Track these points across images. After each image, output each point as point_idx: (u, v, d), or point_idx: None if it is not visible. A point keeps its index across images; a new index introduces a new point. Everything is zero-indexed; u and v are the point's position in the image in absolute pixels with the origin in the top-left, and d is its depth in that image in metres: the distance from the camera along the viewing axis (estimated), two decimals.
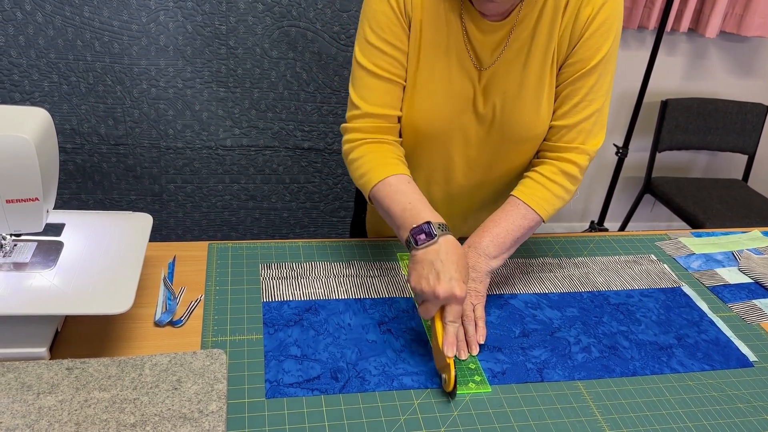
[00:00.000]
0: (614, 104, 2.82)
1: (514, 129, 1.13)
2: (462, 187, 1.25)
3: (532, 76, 1.09)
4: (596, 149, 1.12)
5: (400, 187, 1.04)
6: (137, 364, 0.86)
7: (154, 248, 1.15)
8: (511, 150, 1.18)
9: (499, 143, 1.16)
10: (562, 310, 1.12)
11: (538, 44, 1.07)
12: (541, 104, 1.11)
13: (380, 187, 1.05)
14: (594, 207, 3.11)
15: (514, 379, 0.96)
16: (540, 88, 1.10)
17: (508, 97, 1.11)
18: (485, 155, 1.19)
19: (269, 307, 1.05)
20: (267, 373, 0.92)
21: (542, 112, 1.12)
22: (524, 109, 1.11)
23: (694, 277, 1.26)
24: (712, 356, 1.05)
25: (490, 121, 1.14)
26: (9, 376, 0.82)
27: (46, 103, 2.02)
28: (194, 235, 2.37)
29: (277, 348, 0.97)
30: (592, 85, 1.08)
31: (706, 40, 2.73)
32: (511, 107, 1.11)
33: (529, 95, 1.10)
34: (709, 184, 2.78)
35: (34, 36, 1.92)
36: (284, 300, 1.07)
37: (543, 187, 1.11)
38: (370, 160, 1.08)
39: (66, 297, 0.88)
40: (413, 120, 1.13)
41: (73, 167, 2.15)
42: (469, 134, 1.16)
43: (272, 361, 0.94)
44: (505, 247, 1.07)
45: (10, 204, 0.88)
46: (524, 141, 1.15)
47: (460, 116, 1.13)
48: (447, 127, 1.14)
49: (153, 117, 2.10)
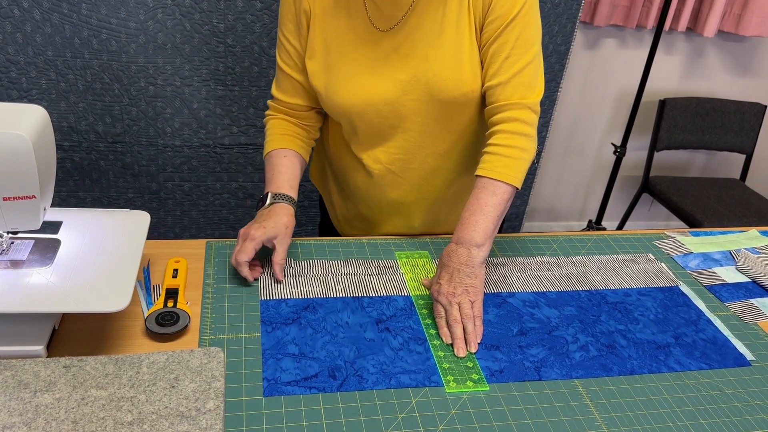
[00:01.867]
0: (612, 103, 2.82)
1: (439, 87, 1.12)
2: (421, 170, 1.24)
3: (448, 35, 1.11)
4: (537, 101, 1.13)
5: (273, 161, 1.22)
6: (134, 362, 0.86)
7: (151, 246, 1.15)
8: (448, 114, 1.17)
9: (431, 108, 1.15)
10: (560, 308, 1.12)
11: (450, 4, 1.10)
12: (463, 61, 1.11)
13: (266, 158, 1.24)
14: (592, 206, 3.11)
15: (512, 377, 0.96)
16: (459, 46, 1.11)
17: (429, 58, 1.12)
18: (425, 125, 1.18)
19: (267, 306, 1.05)
20: (265, 371, 0.92)
21: (465, 68, 1.12)
22: (445, 66, 1.12)
23: (691, 276, 1.26)
24: (710, 355, 1.05)
25: (414, 84, 1.13)
26: (6, 373, 0.82)
27: (44, 101, 2.02)
28: (192, 233, 2.37)
29: (274, 346, 0.97)
30: (517, 38, 1.09)
31: (704, 40, 2.74)
32: (431, 68, 1.12)
33: (449, 53, 1.11)
34: (707, 184, 2.79)
35: (31, 33, 1.92)
36: (282, 298, 1.07)
37: (502, 156, 1.11)
38: (271, 134, 1.26)
39: (63, 295, 0.88)
40: (341, 104, 1.16)
41: (70, 165, 2.14)
42: (398, 105, 1.15)
43: (270, 359, 0.94)
44: (488, 231, 1.08)
45: (7, 201, 0.88)
46: (454, 102, 1.14)
47: (382, 90, 1.14)
48: (375, 102, 1.15)
49: (151, 115, 2.10)
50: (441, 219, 1.34)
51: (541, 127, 2.48)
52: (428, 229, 1.34)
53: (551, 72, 2.36)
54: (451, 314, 1.02)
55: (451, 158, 1.24)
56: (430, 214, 1.32)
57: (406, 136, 1.20)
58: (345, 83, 1.15)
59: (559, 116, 2.76)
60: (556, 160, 2.92)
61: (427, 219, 1.32)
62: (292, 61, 1.20)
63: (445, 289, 1.04)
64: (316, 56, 1.17)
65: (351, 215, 1.39)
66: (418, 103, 1.15)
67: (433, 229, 1.35)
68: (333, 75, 1.15)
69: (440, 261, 1.09)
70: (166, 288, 1.04)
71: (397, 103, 1.15)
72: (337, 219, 1.44)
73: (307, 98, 1.24)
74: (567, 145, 2.89)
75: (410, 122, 1.18)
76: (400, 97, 1.15)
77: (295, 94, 1.23)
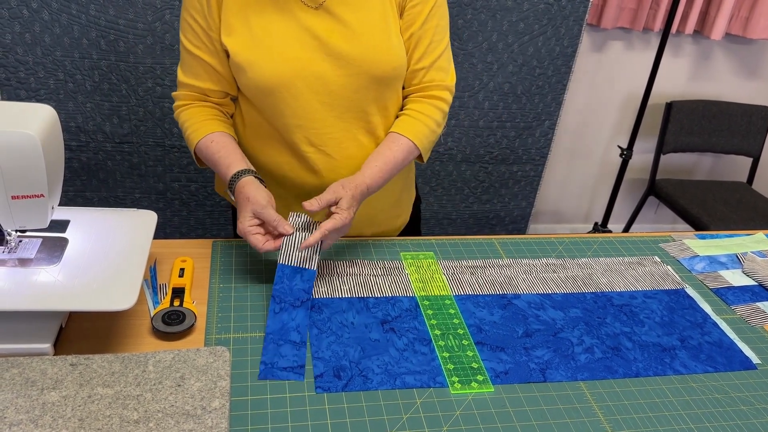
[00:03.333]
0: (619, 106, 2.82)
1: (371, 61, 1.13)
2: (354, 149, 1.21)
3: (375, 11, 1.13)
4: (453, 84, 1.23)
5: (211, 148, 1.16)
6: (141, 361, 0.86)
7: (158, 246, 1.16)
8: (378, 89, 1.16)
9: (361, 82, 1.15)
10: (566, 310, 1.12)
11: None
12: (391, 38, 1.14)
13: (199, 146, 1.18)
14: (598, 208, 3.11)
15: (517, 379, 0.96)
16: (386, 22, 1.13)
17: (357, 33, 1.12)
18: (356, 100, 1.16)
19: (282, 275, 1.04)
20: (264, 355, 0.94)
21: (394, 43, 1.14)
22: (376, 41, 1.13)
23: (697, 279, 1.26)
24: (716, 358, 1.04)
25: (346, 59, 1.12)
26: (13, 371, 0.83)
27: (52, 101, 2.03)
28: (198, 233, 2.37)
29: (278, 331, 0.98)
30: (436, 25, 1.18)
31: (711, 42, 2.73)
32: (362, 42, 1.12)
33: (378, 28, 1.13)
34: (713, 187, 2.78)
35: (40, 34, 1.93)
36: (301, 267, 1.07)
37: (419, 122, 1.19)
38: (192, 124, 1.19)
39: (70, 293, 0.88)
40: (270, 77, 1.12)
41: (78, 165, 2.15)
42: (329, 81, 1.14)
43: (271, 344, 0.96)
44: (383, 176, 1.15)
45: (16, 200, 0.88)
46: (385, 77, 1.15)
47: (312, 64, 1.12)
48: (300, 78, 1.13)
49: (158, 115, 2.11)
50: (377, 210, 1.29)
51: (546, 129, 2.47)
52: (364, 225, 1.30)
53: (558, 74, 2.36)
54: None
55: (381, 137, 1.22)
56: (364, 205, 1.23)
57: (337, 113, 1.17)
58: (273, 56, 1.11)
59: (566, 118, 2.76)
60: (562, 162, 2.92)
61: (361, 211, 1.20)
62: (202, 43, 1.14)
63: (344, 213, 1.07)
64: (235, 32, 1.12)
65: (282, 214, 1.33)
66: (350, 78, 1.14)
67: (368, 226, 1.31)
68: (258, 49, 1.11)
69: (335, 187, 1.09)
70: (173, 287, 1.04)
71: (327, 78, 1.13)
72: None
73: (219, 82, 1.19)
74: (573, 148, 2.89)
75: (342, 98, 1.15)
76: (330, 71, 1.13)
77: (207, 79, 1.18)
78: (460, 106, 2.34)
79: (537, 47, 2.29)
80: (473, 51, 2.25)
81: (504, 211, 2.65)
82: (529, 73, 2.33)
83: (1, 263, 0.93)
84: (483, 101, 2.35)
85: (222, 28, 1.13)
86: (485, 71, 2.29)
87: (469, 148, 2.44)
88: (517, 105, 2.39)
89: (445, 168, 2.48)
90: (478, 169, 2.51)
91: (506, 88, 2.34)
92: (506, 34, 2.24)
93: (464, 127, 2.39)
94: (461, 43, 2.22)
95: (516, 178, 2.57)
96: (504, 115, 2.41)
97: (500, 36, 2.24)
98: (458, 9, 2.16)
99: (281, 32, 1.11)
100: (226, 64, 1.16)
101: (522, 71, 2.32)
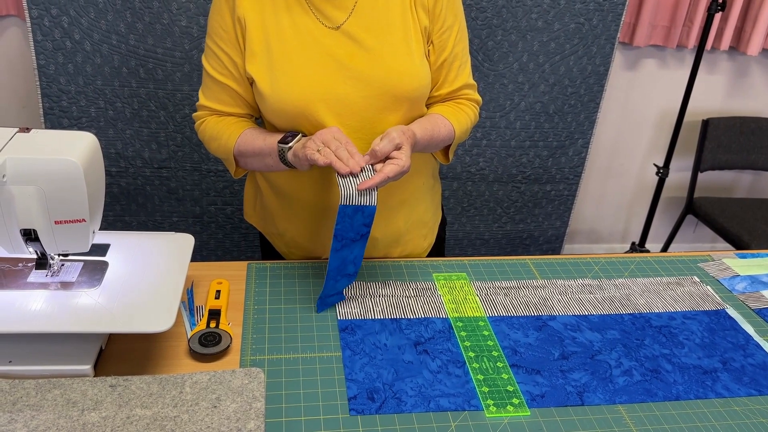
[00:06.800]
0: (654, 123, 2.78)
1: (394, 82, 1.13)
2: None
3: (396, 31, 1.14)
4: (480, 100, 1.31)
5: (248, 137, 1.17)
6: (178, 382, 0.88)
7: (195, 268, 1.18)
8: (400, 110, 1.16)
9: (384, 103, 1.14)
10: (603, 332, 1.10)
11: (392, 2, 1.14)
12: (413, 55, 1.15)
13: (238, 144, 1.18)
14: (635, 228, 3.05)
15: (554, 402, 0.94)
16: (407, 41, 1.14)
17: (381, 53, 1.13)
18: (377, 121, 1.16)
19: (344, 213, 1.03)
20: (323, 290, 1.08)
21: (416, 62, 1.15)
22: (398, 61, 1.14)
23: (739, 299, 1.22)
24: (760, 381, 1.01)
25: (367, 81, 1.12)
26: (55, 392, 0.85)
27: (93, 128, 2.09)
28: (233, 255, 2.40)
29: (337, 268, 1.07)
30: (463, 48, 1.23)
31: (747, 58, 2.68)
32: (385, 62, 1.13)
33: (400, 48, 1.14)
34: (753, 205, 2.71)
35: (82, 64, 2.00)
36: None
37: (462, 112, 1.25)
38: (219, 129, 1.20)
39: (110, 315, 0.90)
40: (290, 101, 1.12)
41: (117, 190, 2.21)
42: (351, 102, 1.13)
43: (330, 281, 1.07)
44: (427, 140, 1.16)
45: (59, 225, 0.91)
46: (408, 97, 1.15)
47: (335, 87, 1.12)
48: (323, 101, 1.12)
49: (195, 141, 2.15)
50: (402, 231, 1.29)
51: (580, 147, 2.45)
52: (390, 245, 1.30)
53: (590, 92, 2.34)
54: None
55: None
56: (390, 225, 1.26)
57: (361, 135, 1.16)
58: (292, 80, 1.12)
59: (599, 137, 2.73)
60: (597, 181, 2.88)
61: (387, 230, 1.26)
62: (227, 70, 1.16)
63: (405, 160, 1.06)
64: (257, 59, 1.14)
65: (304, 239, 1.31)
66: (371, 99, 1.14)
67: (395, 246, 1.30)
68: (277, 73, 1.12)
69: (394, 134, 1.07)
70: (209, 309, 1.06)
71: (349, 100, 1.13)
72: (287, 248, 1.35)
73: (245, 107, 1.21)
74: (608, 166, 2.86)
75: (365, 120, 1.15)
76: (352, 93, 1.13)
77: (233, 104, 1.20)
78: (491, 126, 2.34)
79: (569, 66, 2.28)
80: (504, 72, 2.25)
81: (538, 231, 2.63)
82: (561, 92, 2.32)
83: (44, 286, 0.96)
84: (515, 121, 2.35)
85: (246, 56, 1.14)
86: (516, 91, 2.29)
87: (501, 167, 2.43)
88: (550, 124, 2.38)
89: (477, 188, 2.47)
90: (510, 189, 2.49)
91: (538, 107, 2.34)
92: (537, 54, 2.24)
93: (496, 147, 2.39)
94: (492, 63, 2.23)
95: (549, 197, 2.55)
96: (536, 135, 2.39)
97: (531, 56, 2.24)
98: (488, 31, 2.17)
99: (302, 56, 1.13)
100: (250, 90, 1.18)
101: (554, 90, 2.32)
